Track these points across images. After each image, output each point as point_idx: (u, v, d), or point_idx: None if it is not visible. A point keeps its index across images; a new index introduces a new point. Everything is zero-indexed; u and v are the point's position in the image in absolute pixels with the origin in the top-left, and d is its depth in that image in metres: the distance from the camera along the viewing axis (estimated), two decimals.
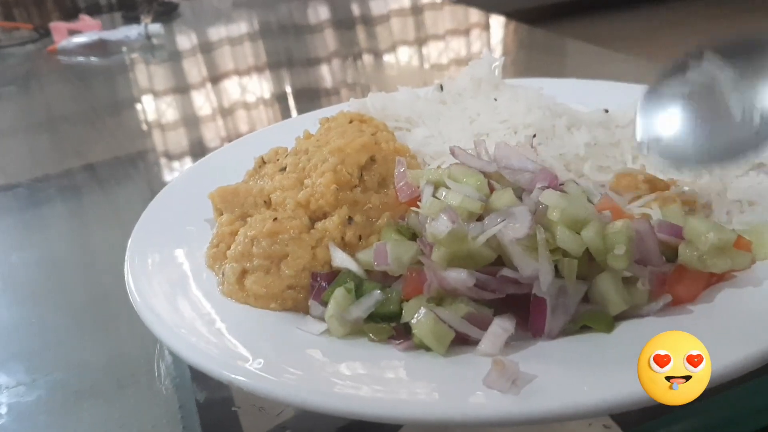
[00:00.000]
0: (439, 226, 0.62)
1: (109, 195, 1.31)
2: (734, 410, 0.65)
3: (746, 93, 0.66)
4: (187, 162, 1.45)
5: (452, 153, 0.74)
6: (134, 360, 0.81)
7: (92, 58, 2.26)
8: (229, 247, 0.74)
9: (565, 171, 0.81)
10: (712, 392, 0.51)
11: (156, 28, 2.31)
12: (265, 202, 0.79)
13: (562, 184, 0.68)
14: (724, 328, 0.58)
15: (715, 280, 0.63)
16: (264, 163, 0.88)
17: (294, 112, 1.72)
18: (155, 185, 1.34)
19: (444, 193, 0.68)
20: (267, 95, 1.89)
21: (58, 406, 0.75)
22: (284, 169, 0.81)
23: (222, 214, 0.80)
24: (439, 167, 0.79)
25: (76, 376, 0.79)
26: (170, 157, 1.50)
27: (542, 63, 1.86)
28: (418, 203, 0.71)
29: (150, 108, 1.87)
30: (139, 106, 1.92)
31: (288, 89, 1.92)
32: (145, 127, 1.73)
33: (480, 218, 0.66)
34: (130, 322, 0.79)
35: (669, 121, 0.71)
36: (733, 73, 0.67)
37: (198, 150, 1.51)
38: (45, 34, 2.53)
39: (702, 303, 0.61)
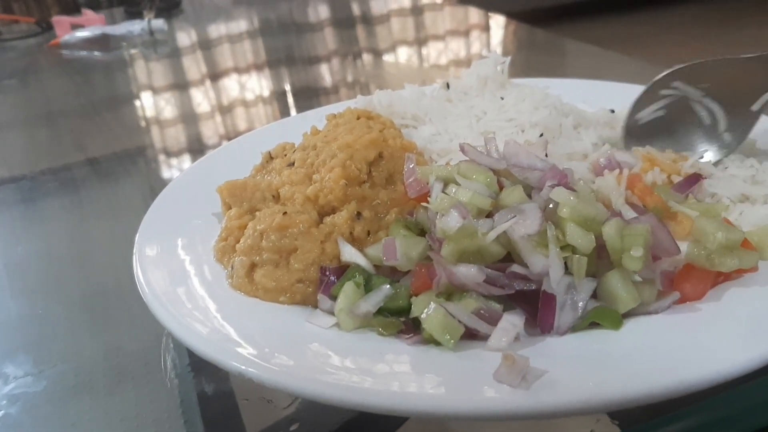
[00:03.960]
0: (450, 222, 0.63)
1: (111, 189, 1.31)
2: (735, 409, 0.65)
3: (711, 105, 0.86)
4: (187, 158, 1.45)
5: (462, 150, 0.74)
6: (137, 353, 0.81)
7: (95, 53, 2.26)
8: (237, 241, 0.74)
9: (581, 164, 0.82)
10: (713, 391, 0.52)
11: (159, 23, 2.31)
12: (273, 196, 0.79)
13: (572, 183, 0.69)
14: (731, 326, 0.58)
15: (722, 279, 0.64)
16: (271, 158, 0.88)
17: (293, 110, 1.72)
18: (155, 180, 1.35)
19: (454, 190, 0.68)
20: (266, 93, 1.89)
21: (62, 397, 0.75)
22: (292, 164, 0.82)
23: (230, 208, 0.80)
24: (448, 164, 0.79)
25: (80, 368, 0.79)
26: (173, 152, 1.50)
27: (542, 63, 1.87)
28: (428, 199, 0.71)
29: (152, 104, 1.87)
30: (141, 102, 1.91)
31: (287, 87, 1.92)
32: (146, 122, 1.73)
33: (489, 215, 0.66)
34: (136, 314, 0.79)
35: (650, 136, 0.88)
36: (698, 92, 0.86)
37: (198, 146, 1.51)
38: (47, 28, 2.53)
39: (709, 301, 0.62)
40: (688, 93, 0.86)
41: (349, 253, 0.72)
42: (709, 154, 0.86)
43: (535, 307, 0.61)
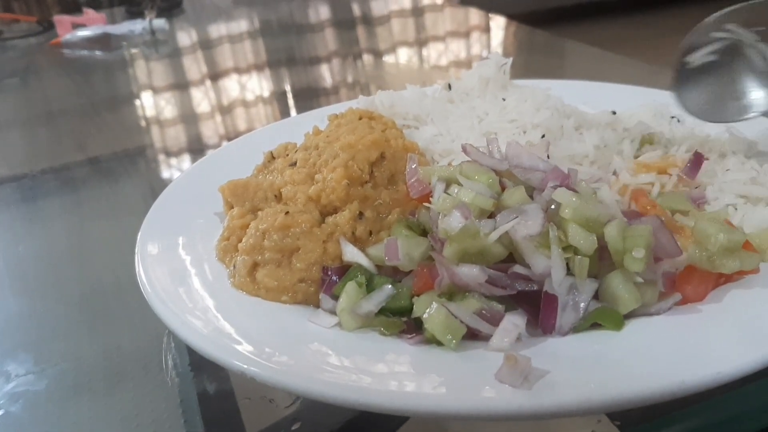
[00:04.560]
0: (452, 222, 0.63)
1: (112, 189, 1.31)
2: (735, 411, 0.65)
3: (766, 50, 0.82)
4: (188, 158, 1.45)
5: (464, 150, 0.74)
6: (138, 352, 0.81)
7: (96, 52, 2.26)
8: (239, 241, 0.74)
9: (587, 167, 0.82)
10: (713, 393, 0.52)
11: (161, 23, 2.31)
12: (275, 196, 0.79)
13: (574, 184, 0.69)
14: (733, 328, 0.58)
15: (723, 280, 0.64)
16: (273, 158, 0.88)
17: (293, 111, 1.72)
18: (155, 180, 1.35)
19: (456, 190, 0.68)
20: (267, 93, 1.89)
21: (63, 396, 0.75)
22: (294, 164, 0.82)
23: (232, 208, 0.80)
24: (450, 164, 0.80)
25: (80, 367, 0.79)
26: (173, 152, 1.50)
27: (543, 65, 1.87)
28: (430, 199, 0.71)
29: (153, 103, 1.87)
30: (142, 102, 1.91)
31: (288, 88, 1.92)
32: (147, 122, 1.73)
33: (491, 216, 0.67)
34: (136, 314, 0.79)
35: (701, 81, 0.86)
36: (753, 35, 0.82)
37: (198, 146, 1.51)
38: (48, 27, 2.53)
39: (710, 303, 0.62)
40: (742, 36, 0.83)
41: (351, 253, 0.72)
42: (763, 101, 0.83)
43: (537, 308, 0.61)
